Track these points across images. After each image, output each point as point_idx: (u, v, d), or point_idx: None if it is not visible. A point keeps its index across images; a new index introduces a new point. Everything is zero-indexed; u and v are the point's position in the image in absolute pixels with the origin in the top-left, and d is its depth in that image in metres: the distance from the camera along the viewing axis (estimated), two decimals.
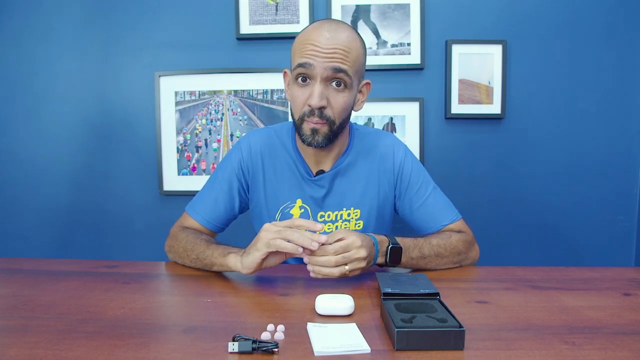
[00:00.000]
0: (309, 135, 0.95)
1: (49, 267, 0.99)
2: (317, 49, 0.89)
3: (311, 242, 0.76)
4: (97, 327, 0.64)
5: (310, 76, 0.91)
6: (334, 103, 0.93)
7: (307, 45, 0.90)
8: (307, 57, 0.90)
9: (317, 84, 0.90)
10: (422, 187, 1.07)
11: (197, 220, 1.06)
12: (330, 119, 0.93)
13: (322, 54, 0.89)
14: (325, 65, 0.89)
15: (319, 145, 0.96)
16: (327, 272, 0.79)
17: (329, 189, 1.05)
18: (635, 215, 1.73)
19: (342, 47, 0.90)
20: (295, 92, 0.95)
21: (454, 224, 1.05)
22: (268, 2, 1.70)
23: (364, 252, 0.81)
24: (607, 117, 1.70)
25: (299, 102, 0.94)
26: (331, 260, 0.79)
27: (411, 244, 0.92)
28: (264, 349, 0.56)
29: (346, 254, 0.79)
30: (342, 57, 0.90)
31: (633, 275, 0.92)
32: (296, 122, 0.97)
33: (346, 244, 0.80)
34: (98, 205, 1.80)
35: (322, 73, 0.90)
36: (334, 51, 0.89)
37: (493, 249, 1.73)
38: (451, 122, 1.72)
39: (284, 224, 0.80)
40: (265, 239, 0.78)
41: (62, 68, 1.76)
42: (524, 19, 1.68)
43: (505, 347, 0.58)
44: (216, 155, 1.76)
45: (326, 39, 0.89)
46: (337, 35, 0.90)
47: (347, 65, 0.90)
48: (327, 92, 0.92)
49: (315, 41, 0.90)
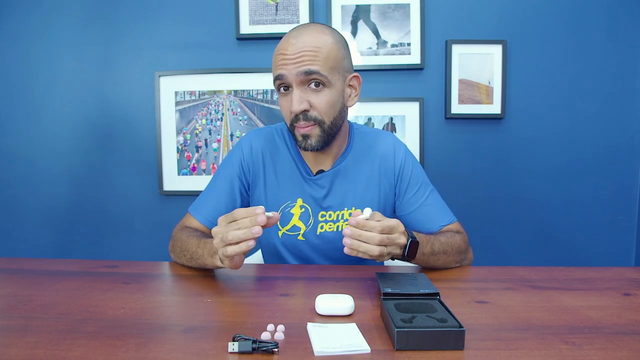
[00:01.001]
0: (301, 140, 0.97)
1: (49, 267, 0.99)
2: (286, 57, 0.91)
3: (251, 231, 0.72)
4: (97, 327, 0.64)
5: (288, 85, 0.93)
6: (316, 103, 0.93)
7: (277, 57, 0.93)
8: (279, 69, 0.92)
9: (294, 90, 0.92)
10: (422, 188, 1.07)
11: (199, 220, 1.06)
12: (318, 119, 0.94)
13: (290, 61, 0.90)
14: (295, 71, 0.90)
15: (314, 149, 0.97)
16: (367, 248, 0.77)
17: (329, 189, 1.05)
18: (635, 215, 1.73)
19: (309, 48, 0.90)
20: (280, 102, 0.98)
21: (452, 225, 1.05)
22: (268, 2, 1.70)
23: (404, 239, 0.80)
24: (607, 117, 1.70)
25: (285, 111, 0.97)
26: (376, 238, 0.76)
27: (425, 239, 0.92)
28: (264, 349, 0.56)
29: (391, 236, 0.78)
30: (310, 58, 0.90)
31: (633, 275, 0.92)
32: (289, 129, 0.99)
33: (393, 225, 0.78)
34: (98, 205, 1.80)
35: (295, 79, 0.91)
36: (301, 55, 0.90)
37: (493, 249, 1.73)
38: (451, 122, 1.72)
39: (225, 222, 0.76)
40: (219, 249, 0.76)
41: (62, 68, 1.76)
42: (524, 19, 1.68)
43: (505, 347, 0.58)
44: (216, 155, 1.76)
45: (292, 45, 0.91)
46: (303, 39, 0.91)
47: (316, 65, 0.90)
48: (306, 95, 0.93)
49: (284, 50, 0.92)
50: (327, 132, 0.96)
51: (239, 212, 0.76)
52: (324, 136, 0.96)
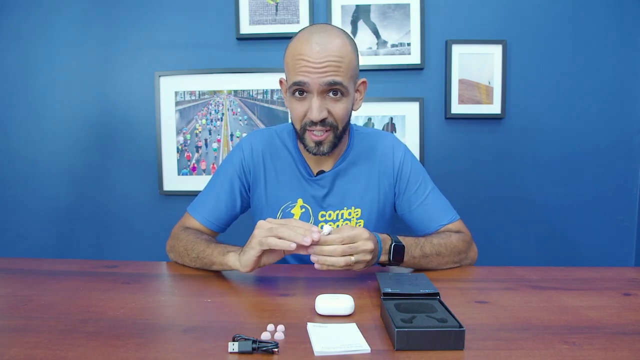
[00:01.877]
0: (313, 147, 0.97)
1: (49, 267, 0.99)
2: (310, 64, 0.89)
3: (303, 238, 0.74)
4: (97, 327, 0.64)
5: (307, 90, 0.92)
6: (334, 111, 0.94)
7: (299, 62, 0.90)
8: (301, 75, 0.90)
9: (314, 98, 0.91)
10: (421, 186, 1.07)
11: (199, 220, 1.06)
12: (333, 125, 0.95)
13: (314, 69, 0.89)
14: (319, 81, 0.89)
15: (324, 154, 0.98)
16: (332, 261, 0.77)
17: (329, 189, 1.05)
18: (635, 215, 1.73)
19: (334, 58, 0.89)
20: (293, 105, 0.96)
21: (453, 224, 1.05)
22: (268, 2, 1.70)
23: (370, 245, 0.80)
24: (607, 117, 1.70)
25: (298, 114, 0.95)
26: (337, 250, 0.77)
27: (413, 242, 0.92)
28: (264, 349, 0.56)
29: (353, 245, 0.78)
30: (334, 69, 0.89)
31: (633, 275, 0.92)
32: (298, 131, 0.98)
33: (354, 234, 0.79)
34: (98, 205, 1.80)
35: (318, 88, 0.90)
36: (327, 64, 0.89)
37: (493, 249, 1.73)
38: (451, 122, 1.72)
39: (278, 222, 0.79)
40: (259, 237, 0.77)
41: (62, 68, 1.76)
42: (524, 19, 1.68)
43: (505, 347, 0.58)
44: (216, 155, 1.76)
45: (317, 52, 0.89)
46: (328, 46, 0.89)
47: (340, 76, 0.90)
48: (325, 103, 0.93)
49: (307, 56, 0.89)
50: (337, 137, 0.98)
51: (295, 220, 0.79)
52: (335, 141, 0.97)
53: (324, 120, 0.93)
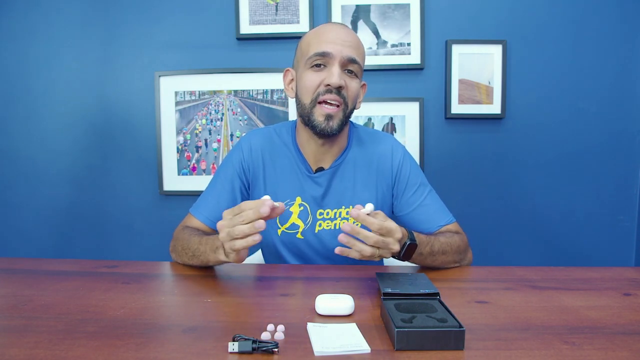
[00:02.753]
0: (322, 121, 0.97)
1: (49, 267, 0.99)
2: (335, 38, 0.96)
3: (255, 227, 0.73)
4: (97, 327, 0.64)
5: (327, 62, 0.96)
6: (349, 86, 0.98)
7: (323, 36, 0.97)
8: (327, 45, 0.95)
9: (335, 66, 0.95)
10: (420, 188, 1.07)
11: (200, 219, 1.06)
12: (346, 101, 0.98)
13: (340, 41, 0.95)
14: (343, 53, 0.95)
15: (333, 132, 0.98)
16: (360, 247, 0.77)
17: (327, 188, 1.06)
18: (635, 215, 1.73)
19: (355, 41, 0.99)
20: (308, 76, 0.97)
21: (450, 226, 1.05)
22: (268, 2, 1.70)
23: (397, 247, 0.80)
24: (607, 117, 1.70)
25: (313, 84, 0.97)
26: (372, 239, 0.77)
27: (425, 240, 0.92)
28: (264, 349, 0.56)
29: (385, 240, 0.78)
30: (355, 48, 0.98)
31: (633, 275, 0.92)
32: (307, 106, 0.98)
33: (391, 228, 0.78)
34: (98, 205, 1.80)
35: (340, 60, 0.95)
36: (350, 43, 0.97)
37: (493, 249, 1.73)
38: (451, 122, 1.72)
39: (230, 216, 0.77)
40: (226, 243, 0.77)
41: (61, 68, 1.76)
42: (524, 19, 1.68)
43: (505, 347, 0.58)
44: (216, 155, 1.76)
45: (342, 30, 0.98)
46: (349, 32, 0.99)
47: (359, 57, 0.98)
48: (343, 76, 0.97)
49: (332, 32, 0.97)
50: (346, 118, 1.00)
51: (245, 204, 0.77)
52: (343, 121, 0.99)
53: (340, 91, 0.96)
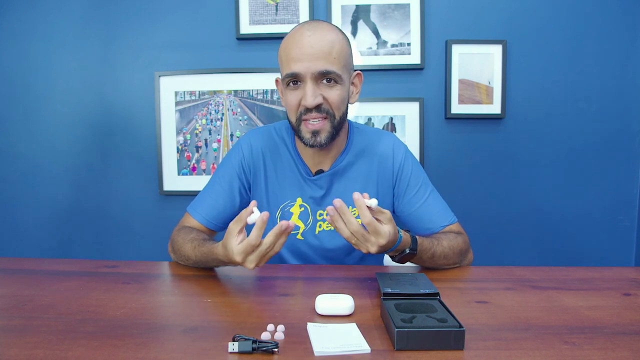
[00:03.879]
0: (310, 137, 0.96)
1: (49, 267, 0.99)
2: (300, 51, 0.90)
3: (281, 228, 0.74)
4: (97, 327, 0.64)
5: (300, 80, 0.93)
6: (329, 97, 0.94)
7: (291, 50, 0.92)
8: (294, 65, 0.91)
9: (308, 84, 0.92)
10: (422, 188, 1.07)
11: (197, 219, 1.06)
12: (330, 112, 0.95)
13: (306, 56, 0.90)
14: (312, 70, 0.90)
15: (322, 145, 0.96)
16: (340, 226, 0.78)
17: (327, 189, 1.05)
18: (635, 215, 1.73)
19: (324, 44, 0.91)
20: (288, 96, 0.96)
21: (452, 226, 1.05)
22: (268, 2, 1.70)
23: (374, 250, 0.79)
24: (607, 117, 1.70)
25: (293, 104, 0.95)
26: (352, 225, 0.77)
27: (427, 246, 0.91)
28: (264, 349, 0.56)
29: (366, 236, 0.78)
30: (325, 56, 0.91)
31: (633, 275, 0.92)
32: (294, 124, 0.98)
33: (378, 230, 0.78)
34: (98, 205, 1.80)
35: (311, 76, 0.91)
36: (318, 52, 0.90)
37: (493, 249, 1.73)
38: (451, 122, 1.72)
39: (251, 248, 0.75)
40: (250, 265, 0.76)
41: (61, 68, 1.76)
42: (524, 19, 1.68)
43: (505, 347, 0.58)
44: (216, 155, 1.76)
45: (307, 37, 0.91)
46: (318, 36, 0.91)
47: (332, 63, 0.91)
48: (319, 90, 0.93)
49: (298, 46, 0.91)
50: (335, 128, 0.96)
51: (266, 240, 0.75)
52: (332, 132, 0.96)
53: (320, 107, 0.93)
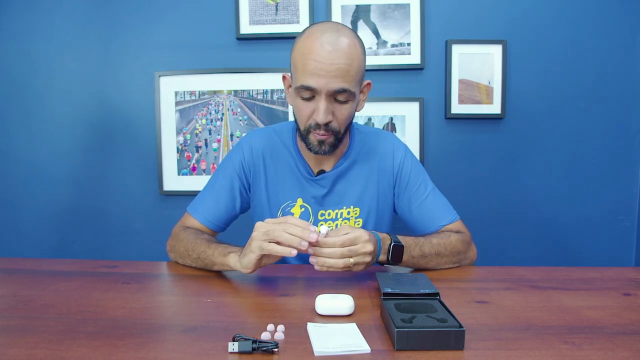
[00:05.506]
0: (316, 145, 0.97)
1: (49, 267, 0.99)
2: (320, 66, 0.88)
3: (300, 242, 0.74)
4: (97, 327, 0.64)
5: (315, 94, 0.92)
6: (338, 115, 0.94)
7: (309, 62, 0.89)
8: (312, 79, 0.89)
9: (322, 101, 0.91)
10: (421, 187, 1.07)
11: (198, 220, 1.06)
12: (336, 130, 0.96)
13: (325, 72, 0.88)
14: (328, 87, 0.89)
15: (326, 154, 0.99)
16: (331, 262, 0.78)
17: (330, 189, 1.06)
18: (635, 215, 1.73)
19: (344, 63, 0.88)
20: (299, 104, 0.95)
21: (453, 225, 1.05)
22: (268, 2, 1.70)
23: (370, 247, 0.80)
24: (607, 117, 1.70)
25: (304, 115, 0.95)
26: (337, 252, 0.78)
27: (412, 242, 0.93)
28: (264, 349, 0.56)
29: (352, 247, 0.79)
30: (344, 74, 0.89)
31: (633, 275, 0.92)
32: (302, 131, 0.98)
33: (354, 236, 0.79)
34: (98, 205, 1.80)
35: (327, 93, 0.90)
36: (337, 69, 0.88)
37: (493, 249, 1.73)
38: (451, 122, 1.72)
39: (275, 222, 0.78)
40: (258, 241, 0.77)
41: (61, 68, 1.76)
42: (524, 19, 1.68)
43: (505, 347, 0.58)
44: (216, 155, 1.76)
45: (328, 52, 0.88)
46: (338, 49, 0.88)
47: (349, 82, 0.90)
48: (331, 107, 0.93)
49: (317, 60, 0.88)
50: (339, 140, 0.98)
51: (293, 219, 0.78)
52: (336, 143, 0.98)
53: (328, 126, 0.94)
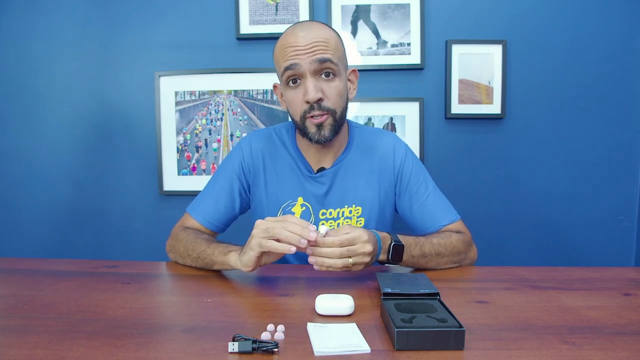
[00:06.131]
0: (315, 132, 0.97)
1: (49, 267, 0.99)
2: (297, 48, 0.92)
3: (299, 240, 0.75)
4: (97, 327, 0.64)
5: (300, 75, 0.94)
6: (328, 93, 0.95)
7: (287, 49, 0.94)
8: (291, 59, 0.93)
9: (308, 79, 0.93)
10: (422, 186, 1.07)
11: (198, 220, 1.06)
12: (330, 109, 0.96)
13: (302, 51, 0.92)
14: (309, 59, 0.92)
15: (327, 139, 0.98)
16: (330, 263, 0.78)
17: (330, 186, 1.06)
18: (635, 215, 1.73)
19: (319, 39, 0.93)
20: (289, 95, 0.97)
21: (453, 225, 1.05)
22: (268, 2, 1.70)
23: (369, 247, 0.80)
24: (607, 117, 1.70)
25: (296, 102, 0.96)
26: (335, 252, 0.78)
27: (412, 241, 0.93)
28: (264, 349, 0.56)
29: (351, 247, 0.79)
30: (323, 47, 0.93)
31: (633, 275, 0.92)
32: (298, 123, 0.98)
33: (352, 237, 0.79)
34: (98, 205, 1.80)
35: (310, 67, 0.92)
36: (314, 44, 0.92)
37: (493, 249, 1.73)
38: (451, 122, 1.72)
39: (275, 220, 0.79)
40: (257, 238, 0.78)
41: (61, 68, 1.76)
42: (524, 19, 1.68)
43: (505, 347, 0.58)
44: (216, 155, 1.76)
45: (302, 36, 0.93)
46: (311, 31, 0.94)
47: (329, 53, 0.94)
48: (319, 85, 0.94)
49: (293, 42, 0.93)
50: (337, 122, 0.98)
51: (292, 217, 0.78)
52: (335, 126, 0.98)
53: (321, 104, 0.94)
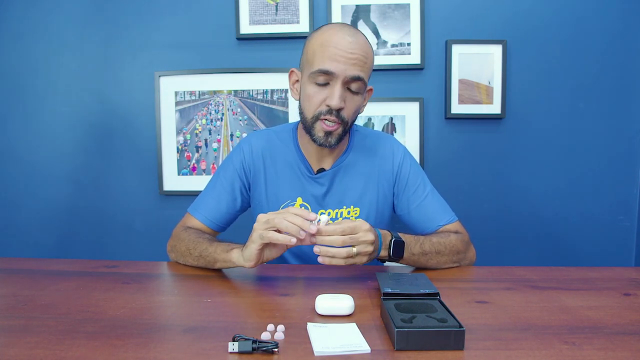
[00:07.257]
0: (322, 136, 0.97)
1: (49, 267, 0.99)
2: (340, 53, 0.91)
3: (299, 231, 0.75)
4: (97, 327, 0.64)
5: (330, 80, 0.93)
6: (349, 105, 0.95)
7: (329, 48, 0.91)
8: (330, 63, 0.91)
9: (337, 86, 0.92)
10: (420, 187, 1.08)
11: (200, 219, 1.06)
12: (345, 120, 0.96)
13: (344, 59, 0.91)
14: (347, 72, 0.91)
15: (331, 146, 0.98)
16: (334, 252, 0.78)
17: (329, 187, 1.06)
18: (635, 215, 1.73)
19: (362, 53, 0.92)
20: (311, 90, 0.95)
21: (451, 225, 1.05)
22: (268, 2, 1.70)
23: (371, 236, 0.80)
24: (607, 117, 1.70)
25: (315, 101, 0.95)
26: (338, 240, 0.77)
27: (412, 239, 0.93)
28: (264, 349, 0.56)
29: (354, 236, 0.78)
30: (362, 63, 0.92)
31: (633, 275, 0.92)
32: (308, 120, 0.98)
33: (354, 225, 0.79)
34: (98, 206, 1.80)
35: (343, 77, 0.92)
36: (356, 58, 0.91)
37: (493, 249, 1.73)
38: (451, 122, 1.72)
39: (276, 213, 0.79)
40: (259, 230, 0.78)
41: (61, 68, 1.76)
42: (524, 19, 1.68)
43: (505, 347, 0.58)
44: (216, 155, 1.76)
45: (348, 42, 0.91)
46: (358, 40, 0.92)
47: (364, 73, 0.94)
48: (344, 95, 0.94)
49: (339, 45, 0.91)
50: (345, 133, 0.99)
51: (293, 208, 0.78)
52: (342, 136, 0.98)
53: (339, 113, 0.94)
